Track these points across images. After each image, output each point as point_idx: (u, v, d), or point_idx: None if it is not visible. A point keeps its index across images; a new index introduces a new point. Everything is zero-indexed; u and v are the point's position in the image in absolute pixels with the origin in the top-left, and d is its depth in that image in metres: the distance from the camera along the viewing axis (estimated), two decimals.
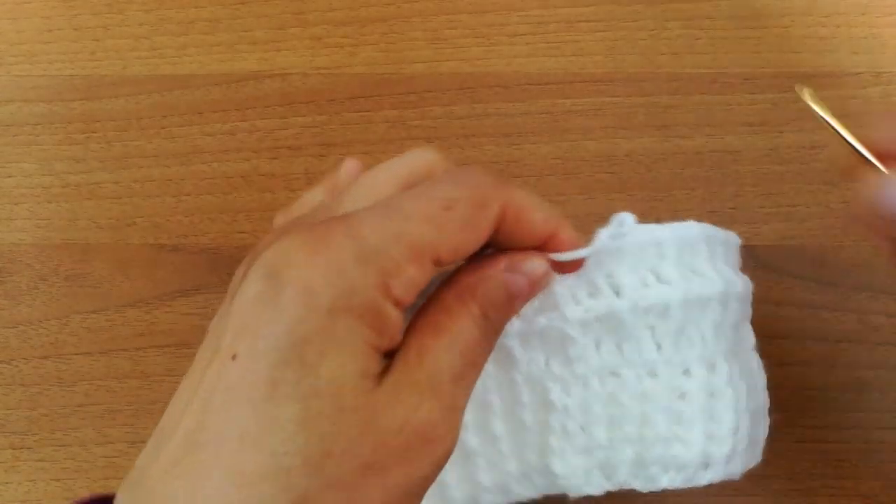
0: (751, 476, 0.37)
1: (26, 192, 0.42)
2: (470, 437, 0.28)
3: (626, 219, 0.26)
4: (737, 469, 0.30)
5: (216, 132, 0.42)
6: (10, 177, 0.42)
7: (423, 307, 0.24)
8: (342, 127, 0.42)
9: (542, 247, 0.25)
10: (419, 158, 0.27)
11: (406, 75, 0.43)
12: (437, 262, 0.23)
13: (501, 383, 0.28)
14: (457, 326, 0.23)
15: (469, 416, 0.28)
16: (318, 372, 0.20)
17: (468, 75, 0.43)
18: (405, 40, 0.43)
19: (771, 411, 0.32)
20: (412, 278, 0.22)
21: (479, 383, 0.26)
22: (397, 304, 0.22)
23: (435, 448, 0.22)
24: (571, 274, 0.27)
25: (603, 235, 0.26)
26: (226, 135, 0.42)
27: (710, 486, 0.34)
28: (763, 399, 0.31)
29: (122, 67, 0.43)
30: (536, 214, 0.24)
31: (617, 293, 0.27)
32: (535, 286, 0.25)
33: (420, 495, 0.23)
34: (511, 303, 0.25)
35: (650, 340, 0.28)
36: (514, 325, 0.27)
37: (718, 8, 0.43)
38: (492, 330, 0.24)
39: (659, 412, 0.28)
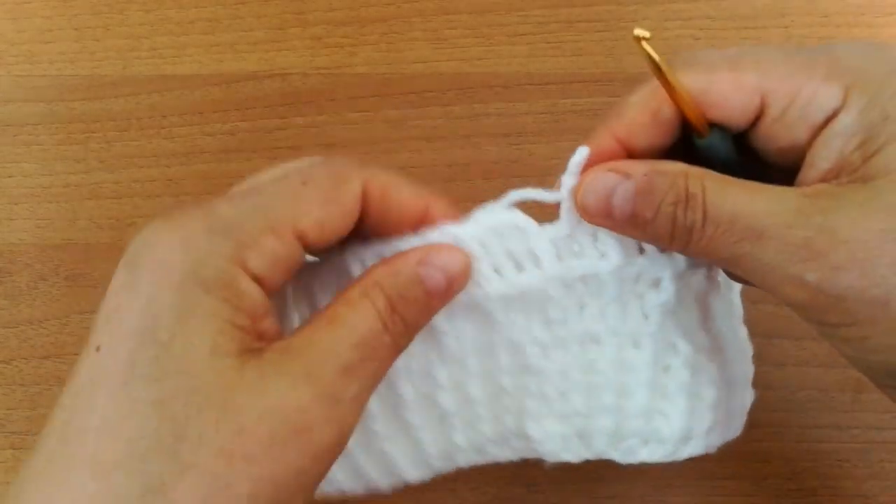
0: (751, 476, 0.37)
1: (26, 192, 0.42)
2: (446, 398, 0.28)
3: (581, 151, 0.25)
4: (715, 442, 0.30)
5: (216, 132, 0.42)
6: (10, 177, 0.42)
7: (330, 302, 0.23)
8: (342, 127, 0.42)
9: (417, 225, 0.25)
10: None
11: (406, 75, 0.43)
12: (302, 238, 0.22)
13: (481, 347, 0.27)
14: (355, 318, 0.22)
15: (445, 378, 0.27)
16: (171, 350, 0.20)
17: (468, 75, 0.43)
18: (405, 40, 0.43)
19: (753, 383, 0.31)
20: (271, 251, 0.21)
21: (456, 345, 0.26)
22: (256, 279, 0.21)
23: (309, 438, 0.21)
24: (557, 232, 0.26)
25: (566, 181, 0.26)
26: (226, 135, 0.42)
27: (709, 487, 0.34)
28: (743, 370, 0.30)
29: (122, 67, 0.43)
30: (403, 191, 0.24)
31: (602, 255, 0.26)
32: (454, 283, 0.24)
33: (302, 491, 0.21)
34: (428, 299, 0.24)
35: (637, 309, 0.28)
36: (496, 287, 0.26)
37: (718, 8, 0.43)
38: (401, 325, 0.23)
39: (641, 384, 0.28)
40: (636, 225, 0.24)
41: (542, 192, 0.26)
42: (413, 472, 0.29)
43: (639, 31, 0.22)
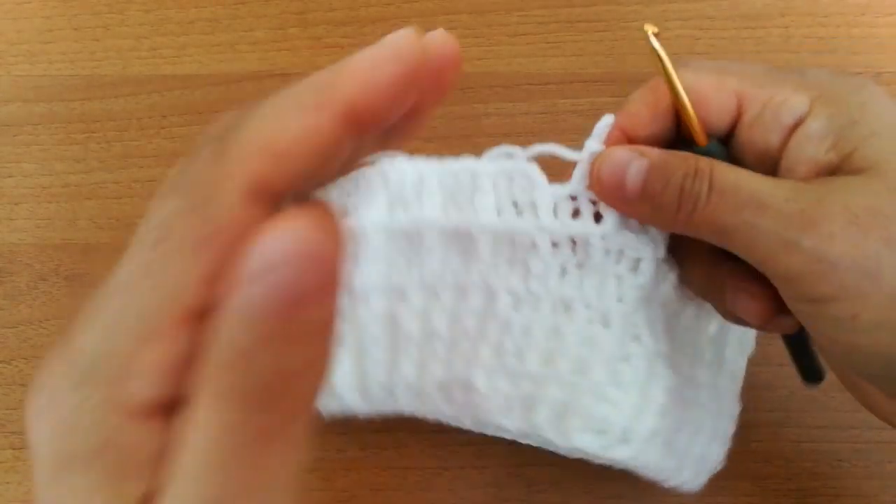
0: (751, 476, 0.37)
1: (26, 192, 0.42)
2: (410, 321, 0.27)
3: (607, 118, 0.27)
4: (650, 458, 0.29)
5: None
6: (10, 177, 0.42)
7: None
8: None
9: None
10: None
11: None
12: (197, 311, 0.15)
13: (458, 283, 0.28)
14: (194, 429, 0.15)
15: (416, 300, 0.27)
16: None
17: (468, 75, 0.43)
18: None
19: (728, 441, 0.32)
20: (157, 363, 0.15)
21: (438, 270, 0.27)
22: (151, 405, 0.15)
23: None
24: (562, 191, 0.27)
25: (589, 144, 0.27)
26: None
27: (709, 487, 0.34)
28: (718, 424, 0.31)
29: (122, 67, 0.43)
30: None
31: (596, 220, 0.28)
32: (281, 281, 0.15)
33: None
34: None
35: (614, 288, 0.28)
36: (492, 222, 0.27)
37: (718, 8, 0.43)
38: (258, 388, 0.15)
39: (600, 363, 0.28)
40: (645, 197, 0.25)
41: (564, 150, 0.27)
42: (352, 396, 0.28)
43: (649, 27, 0.25)
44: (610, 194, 0.26)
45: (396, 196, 0.26)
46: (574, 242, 0.28)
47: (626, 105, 0.27)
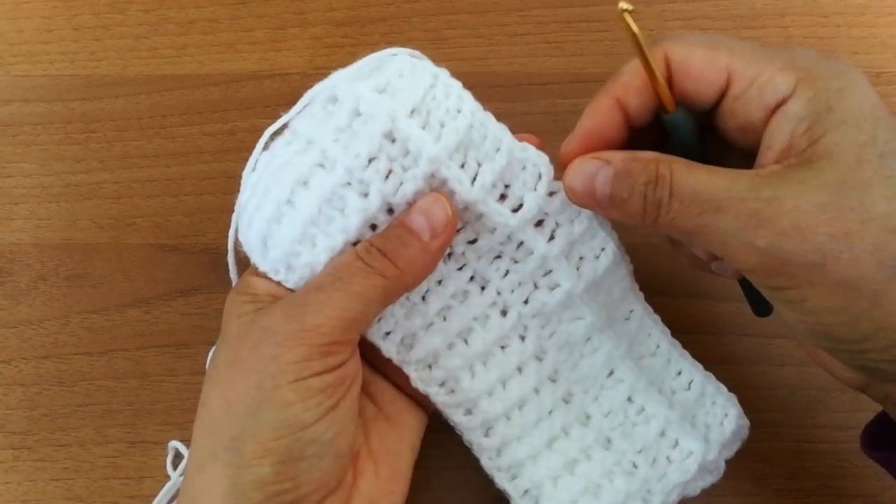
0: (751, 476, 0.37)
1: (26, 192, 0.42)
2: (350, 203, 0.28)
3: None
4: (502, 435, 0.32)
5: (216, 132, 0.42)
6: (10, 177, 0.42)
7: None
8: None
9: None
10: None
11: None
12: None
13: (404, 204, 0.29)
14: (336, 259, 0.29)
15: (360, 191, 0.28)
16: None
17: (468, 75, 0.42)
18: (405, 40, 0.43)
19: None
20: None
21: (397, 190, 0.28)
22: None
23: None
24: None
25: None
26: (226, 135, 0.42)
27: (709, 486, 0.34)
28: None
29: (122, 67, 0.43)
30: None
31: (549, 238, 0.31)
32: (435, 223, 0.28)
33: None
34: (408, 234, 0.28)
35: (527, 291, 0.32)
36: (477, 193, 0.29)
37: (718, 8, 0.43)
38: (378, 254, 0.28)
39: (481, 341, 0.32)
40: (614, 204, 0.28)
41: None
42: (258, 246, 0.30)
43: (623, 4, 0.26)
44: (585, 203, 0.29)
45: (427, 107, 0.28)
46: (522, 243, 0.31)
47: (618, 75, 0.29)
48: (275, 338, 0.27)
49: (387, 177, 0.28)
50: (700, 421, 0.33)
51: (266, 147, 0.30)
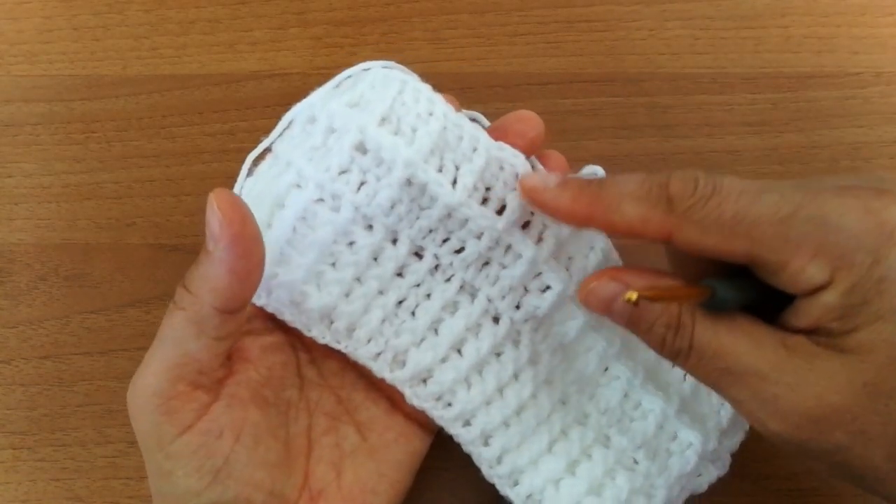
0: (751, 476, 0.37)
1: (26, 192, 0.42)
2: (329, 230, 0.28)
3: (596, 171, 0.30)
4: (501, 444, 0.32)
5: (216, 132, 0.42)
6: (10, 177, 0.42)
7: None
8: None
9: None
10: None
11: None
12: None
13: (391, 226, 0.29)
14: None
15: (347, 215, 0.28)
16: None
17: (468, 75, 0.43)
18: (405, 40, 0.43)
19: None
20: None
21: (375, 208, 0.28)
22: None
23: None
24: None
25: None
26: (226, 135, 0.42)
27: (709, 486, 0.34)
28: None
29: (122, 67, 0.43)
30: None
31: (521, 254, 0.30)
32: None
33: None
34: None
35: (518, 297, 0.31)
36: (460, 197, 0.28)
37: (718, 8, 0.43)
38: None
39: (474, 350, 0.31)
40: (631, 328, 0.27)
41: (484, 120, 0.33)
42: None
43: (630, 295, 0.24)
44: (600, 314, 0.28)
45: (397, 114, 0.27)
46: (510, 247, 0.30)
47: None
48: (130, 410, 0.27)
49: (359, 188, 0.28)
50: (697, 411, 0.33)
51: (251, 172, 0.30)
